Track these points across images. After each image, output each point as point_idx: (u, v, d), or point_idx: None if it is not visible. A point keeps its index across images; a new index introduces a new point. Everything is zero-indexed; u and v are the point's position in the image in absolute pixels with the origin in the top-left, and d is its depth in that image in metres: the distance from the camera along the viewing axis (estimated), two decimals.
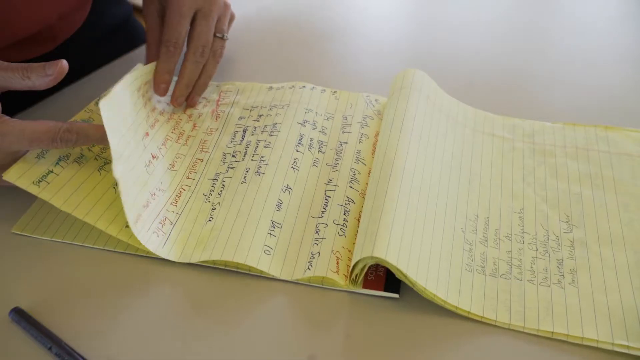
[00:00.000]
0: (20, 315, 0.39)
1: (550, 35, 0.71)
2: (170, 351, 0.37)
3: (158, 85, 0.51)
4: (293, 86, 0.57)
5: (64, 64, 0.42)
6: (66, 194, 0.43)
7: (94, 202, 0.44)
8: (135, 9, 0.77)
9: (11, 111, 0.58)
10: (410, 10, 0.78)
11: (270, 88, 0.58)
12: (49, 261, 0.43)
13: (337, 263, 0.41)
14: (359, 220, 0.44)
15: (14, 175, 0.42)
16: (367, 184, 0.46)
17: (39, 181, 0.43)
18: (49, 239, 0.44)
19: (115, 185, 0.45)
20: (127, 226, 0.43)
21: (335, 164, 0.49)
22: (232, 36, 0.71)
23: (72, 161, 0.46)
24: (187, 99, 0.55)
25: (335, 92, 0.57)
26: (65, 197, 0.43)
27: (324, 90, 0.57)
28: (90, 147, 0.48)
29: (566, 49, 0.67)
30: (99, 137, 0.43)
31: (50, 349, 0.37)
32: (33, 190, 0.42)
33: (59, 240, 0.44)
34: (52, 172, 0.44)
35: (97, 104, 0.51)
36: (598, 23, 0.72)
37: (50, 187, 0.43)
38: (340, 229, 0.44)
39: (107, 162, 0.47)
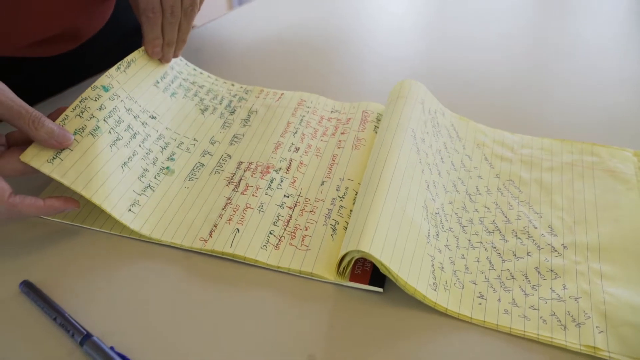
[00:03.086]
0: (29, 288, 0.42)
1: (553, 54, 0.73)
2: (166, 333, 0.40)
3: (152, 51, 0.55)
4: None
5: (69, 141, 0.44)
6: (77, 171, 0.44)
7: (102, 180, 0.45)
8: None
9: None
10: (420, 25, 0.81)
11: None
12: (59, 240, 0.46)
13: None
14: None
15: (29, 156, 0.43)
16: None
17: (53, 159, 0.44)
18: (60, 220, 0.47)
19: (123, 164, 0.47)
20: (130, 210, 0.46)
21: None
22: (240, 43, 0.74)
23: (88, 134, 0.46)
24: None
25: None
26: (75, 175, 0.44)
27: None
28: (106, 119, 0.48)
29: (568, 68, 0.70)
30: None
31: (55, 319, 0.40)
32: (46, 169, 0.43)
33: (68, 223, 0.47)
34: (66, 147, 0.45)
35: (118, 69, 0.52)
36: (603, 44, 0.74)
37: (63, 164, 0.44)
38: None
39: (119, 138, 0.48)
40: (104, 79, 0.50)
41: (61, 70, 0.66)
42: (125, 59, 0.54)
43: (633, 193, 0.49)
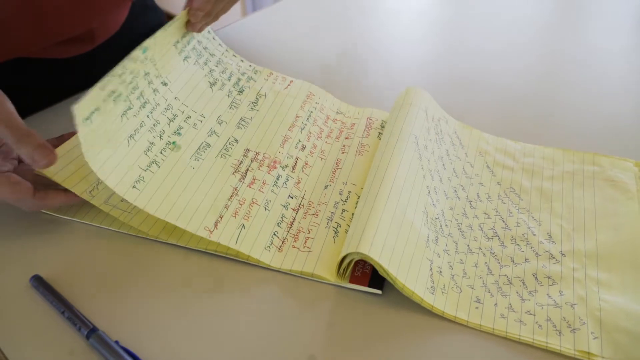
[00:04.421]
0: (39, 282, 0.43)
1: (558, 64, 0.74)
2: (168, 330, 0.41)
3: (194, 14, 0.54)
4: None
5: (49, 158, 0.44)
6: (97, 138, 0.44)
7: (108, 154, 0.44)
8: (167, 16, 0.82)
9: (38, 106, 0.63)
10: (427, 34, 0.82)
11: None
12: (69, 237, 0.48)
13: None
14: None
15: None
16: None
17: (86, 118, 0.43)
18: (70, 218, 0.49)
19: (129, 137, 0.46)
20: (135, 186, 0.45)
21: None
22: (253, 49, 0.75)
23: (112, 98, 0.45)
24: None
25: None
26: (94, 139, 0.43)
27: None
28: (128, 84, 0.47)
29: (573, 77, 0.70)
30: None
31: (63, 313, 0.41)
32: (79, 118, 0.42)
33: (78, 220, 0.49)
34: (98, 109, 0.44)
35: (164, 29, 0.51)
36: (608, 54, 0.75)
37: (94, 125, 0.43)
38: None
39: (131, 107, 0.47)
40: (148, 41, 0.50)
41: (74, 72, 0.68)
42: (170, 21, 0.53)
43: (632, 202, 0.50)
